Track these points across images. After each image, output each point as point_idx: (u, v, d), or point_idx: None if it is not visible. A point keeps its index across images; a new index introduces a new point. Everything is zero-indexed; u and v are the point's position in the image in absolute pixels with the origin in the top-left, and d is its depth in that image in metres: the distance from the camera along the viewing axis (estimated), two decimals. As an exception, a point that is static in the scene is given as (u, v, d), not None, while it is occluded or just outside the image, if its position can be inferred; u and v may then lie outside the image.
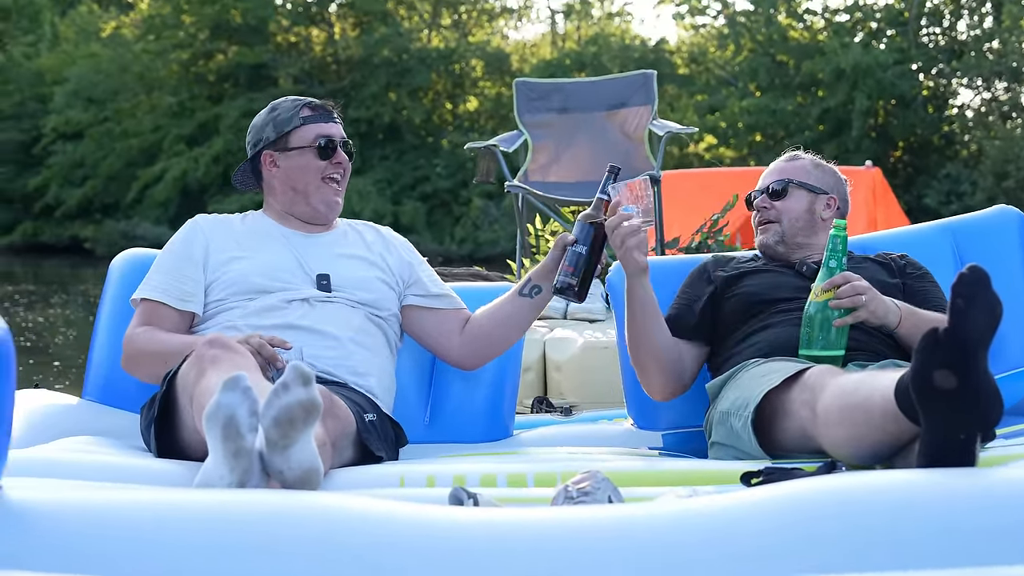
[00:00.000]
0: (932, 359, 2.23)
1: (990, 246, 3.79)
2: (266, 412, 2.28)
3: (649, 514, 1.96)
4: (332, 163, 3.48)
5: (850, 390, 2.62)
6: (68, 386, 8.21)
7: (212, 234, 3.45)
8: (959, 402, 2.22)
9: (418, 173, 31.63)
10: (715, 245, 5.99)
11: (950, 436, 2.24)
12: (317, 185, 3.48)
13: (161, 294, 3.35)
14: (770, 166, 3.75)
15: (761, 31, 30.13)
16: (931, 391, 2.24)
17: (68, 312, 15.74)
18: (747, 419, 2.96)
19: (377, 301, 3.42)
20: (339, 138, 3.51)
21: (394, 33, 32.77)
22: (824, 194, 3.64)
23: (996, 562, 1.81)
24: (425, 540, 1.89)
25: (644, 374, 3.44)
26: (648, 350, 3.38)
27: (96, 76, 34.59)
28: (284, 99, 3.57)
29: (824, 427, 2.69)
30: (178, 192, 32.27)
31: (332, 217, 3.54)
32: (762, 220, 3.64)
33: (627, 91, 6.94)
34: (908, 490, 1.97)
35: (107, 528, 1.90)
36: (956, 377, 2.21)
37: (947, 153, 28.64)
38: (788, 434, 2.91)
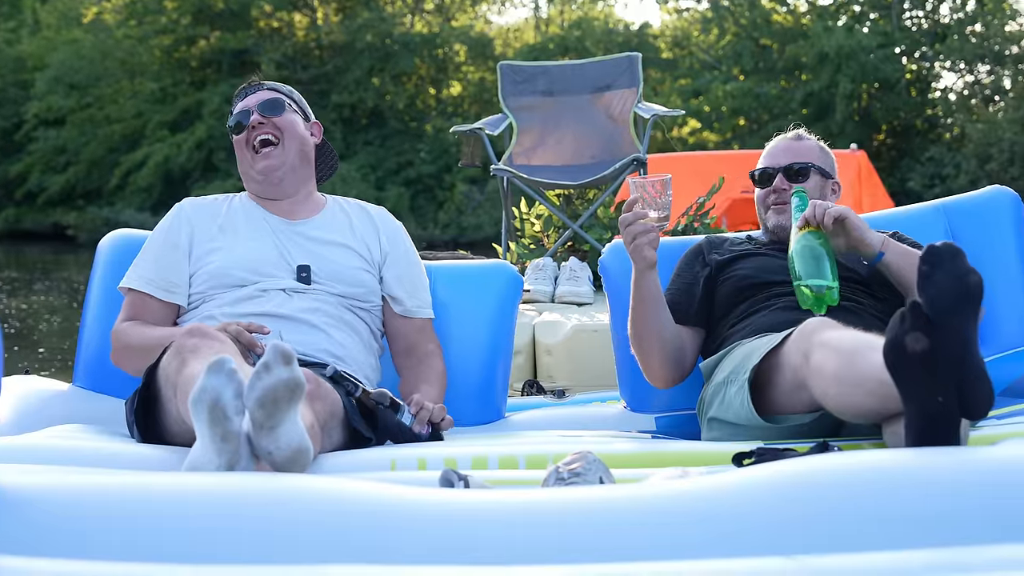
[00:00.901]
0: (903, 325, 2.25)
1: (984, 226, 3.80)
2: (249, 394, 2.27)
3: (640, 495, 1.96)
4: (250, 133, 3.45)
5: (848, 349, 2.62)
6: (55, 372, 8.18)
7: (196, 221, 3.43)
8: (932, 364, 2.23)
9: (402, 158, 31.56)
10: (701, 228, 5.99)
11: (929, 402, 2.25)
12: (249, 160, 3.46)
13: (147, 284, 3.34)
14: (778, 144, 3.69)
15: (744, 15, 30.11)
16: (905, 357, 2.25)
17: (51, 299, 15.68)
18: (744, 382, 2.97)
19: (359, 294, 3.39)
20: (255, 104, 3.46)
21: (377, 18, 32.65)
22: (831, 179, 3.64)
23: (985, 541, 1.81)
24: (416, 523, 1.89)
25: (647, 362, 3.42)
26: (653, 340, 3.37)
27: (78, 62, 34.42)
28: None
29: (817, 378, 2.70)
30: (160, 178, 32.13)
31: (284, 185, 3.48)
32: (779, 200, 3.60)
33: (612, 74, 6.91)
34: (898, 470, 1.98)
35: (98, 513, 1.90)
36: (928, 339, 2.22)
37: (930, 136, 28.67)
38: (781, 389, 2.92)
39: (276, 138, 3.45)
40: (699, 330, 3.50)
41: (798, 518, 1.88)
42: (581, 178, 6.32)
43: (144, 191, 32.34)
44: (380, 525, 1.88)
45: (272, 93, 3.50)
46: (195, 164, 31.88)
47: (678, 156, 12.29)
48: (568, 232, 6.11)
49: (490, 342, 3.65)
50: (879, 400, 2.51)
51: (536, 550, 1.83)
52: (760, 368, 2.96)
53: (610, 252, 3.77)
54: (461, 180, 29.90)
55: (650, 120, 6.42)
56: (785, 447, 2.55)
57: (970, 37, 27.34)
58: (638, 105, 6.66)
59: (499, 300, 3.73)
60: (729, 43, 30.17)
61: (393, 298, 3.47)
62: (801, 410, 2.90)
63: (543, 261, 5.86)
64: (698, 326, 3.50)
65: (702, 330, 3.50)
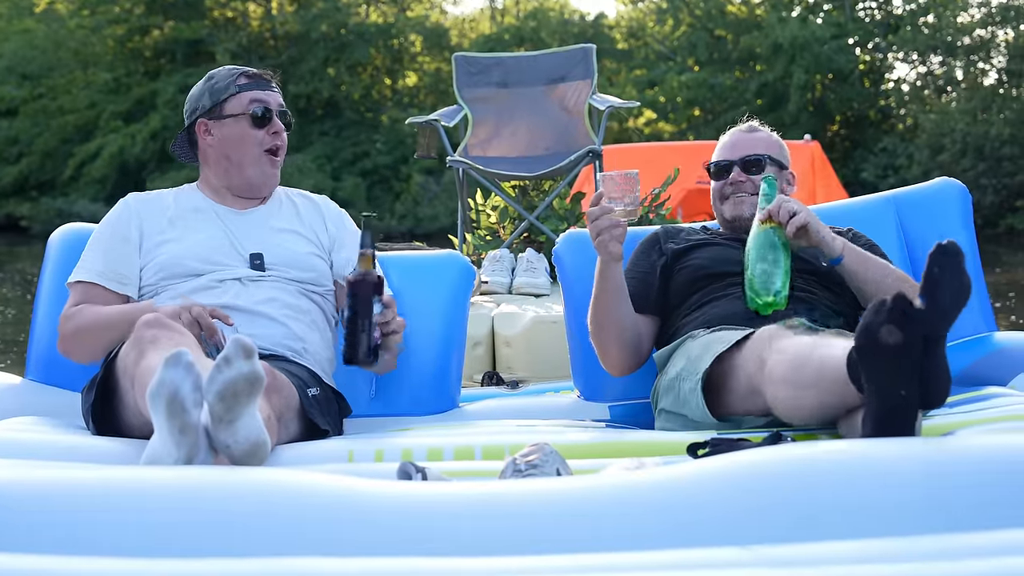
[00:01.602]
0: (878, 316, 2.28)
1: (933, 218, 3.85)
2: (209, 387, 2.27)
3: (596, 486, 1.97)
4: (268, 132, 3.42)
5: (803, 354, 2.65)
6: (9, 365, 8.12)
7: (144, 215, 3.40)
8: (902, 358, 2.26)
9: (358, 149, 31.50)
10: (656, 219, 6.02)
11: (892, 394, 2.28)
12: (255, 156, 3.42)
13: (97, 276, 3.30)
14: (732, 137, 3.72)
15: (699, 6, 30.24)
16: (877, 347, 2.28)
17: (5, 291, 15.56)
18: (697, 382, 2.98)
19: (312, 278, 3.39)
20: (276, 106, 3.44)
21: (332, 8, 32.55)
22: (786, 169, 3.67)
23: (942, 530, 1.83)
24: (375, 515, 1.89)
25: (604, 351, 3.44)
26: (612, 329, 3.38)
27: (30, 52, 34.12)
28: (221, 68, 3.51)
29: (771, 386, 2.72)
30: (115, 169, 31.91)
31: (267, 191, 3.49)
32: (736, 192, 3.63)
33: (566, 66, 6.93)
34: (852, 460, 1.99)
35: (57, 507, 1.89)
36: (901, 332, 2.25)
37: (883, 127, 28.88)
38: (735, 394, 2.94)
39: (281, 151, 3.46)
40: (655, 318, 3.52)
41: (753, 508, 1.90)
42: (537, 169, 6.34)
43: (98, 182, 32.10)
44: (339, 518, 1.88)
45: (281, 100, 3.48)
46: (150, 155, 31.68)
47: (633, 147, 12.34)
48: (524, 223, 6.12)
49: (443, 332, 3.65)
50: (836, 398, 2.54)
51: (494, 542, 1.83)
52: (713, 369, 2.98)
53: (564, 242, 3.78)
54: (417, 171, 29.87)
55: (605, 112, 6.44)
56: (739, 437, 2.57)
57: (922, 28, 27.55)
58: (593, 97, 6.69)
59: (451, 290, 3.73)
60: (684, 34, 30.30)
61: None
62: (755, 413, 2.92)
63: (500, 253, 5.86)
64: (654, 315, 3.52)
65: (658, 319, 3.52)
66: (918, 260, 3.78)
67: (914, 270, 3.75)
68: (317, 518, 1.88)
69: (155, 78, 33.39)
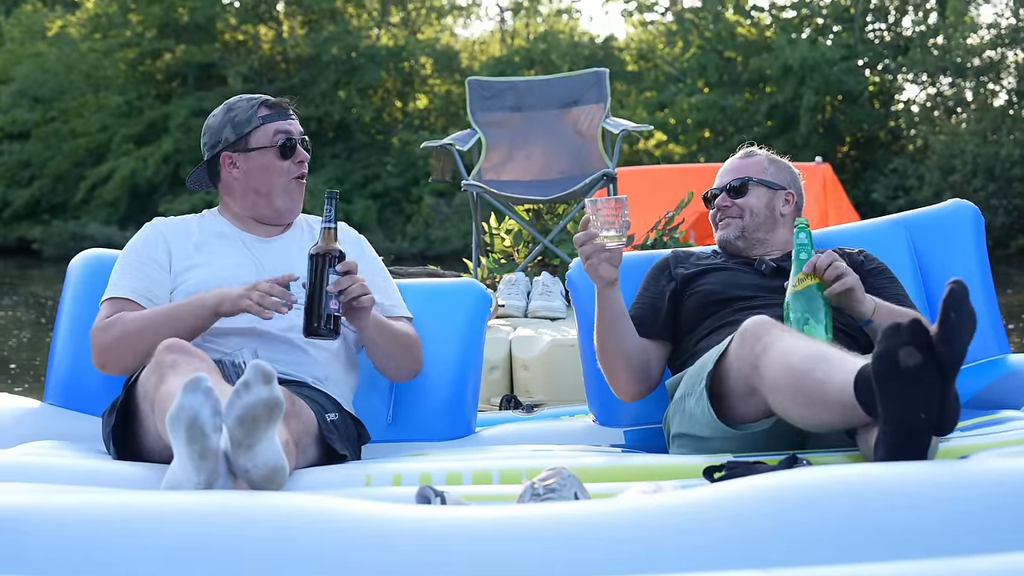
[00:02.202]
0: (898, 338, 2.30)
1: (946, 240, 3.85)
2: (229, 412, 2.29)
3: (614, 510, 1.99)
4: (295, 162, 3.44)
5: (803, 369, 2.65)
6: (27, 389, 8.13)
7: (172, 238, 3.41)
8: (922, 382, 2.28)
9: (368, 171, 31.54)
10: (670, 242, 6.03)
11: (910, 416, 2.30)
12: (284, 186, 3.43)
13: (130, 292, 3.30)
14: (726, 164, 3.79)
15: (709, 28, 30.27)
16: (896, 370, 2.30)
17: (19, 314, 15.59)
18: (702, 390, 3.00)
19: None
20: (298, 134, 3.46)
21: (343, 31, 32.63)
22: (782, 190, 3.69)
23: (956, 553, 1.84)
24: (394, 540, 1.90)
25: (612, 376, 3.45)
26: (617, 354, 3.40)
27: (42, 75, 34.21)
28: (239, 98, 3.51)
29: (774, 395, 2.74)
30: (127, 192, 31.99)
31: (292, 218, 3.51)
32: (722, 216, 3.68)
33: (580, 89, 6.95)
34: (869, 483, 2.00)
35: (78, 531, 1.91)
36: (921, 355, 2.27)
37: (893, 148, 28.86)
38: (735, 394, 2.95)
39: (304, 177, 3.48)
40: (665, 343, 3.53)
41: (771, 532, 1.91)
42: (551, 193, 6.35)
43: (110, 205, 32.18)
44: (359, 542, 1.90)
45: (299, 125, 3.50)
46: (162, 178, 31.74)
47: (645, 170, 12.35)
48: (539, 247, 6.14)
49: (460, 359, 3.67)
50: (843, 418, 2.57)
51: (514, 566, 1.85)
52: (715, 375, 3.00)
53: (578, 266, 3.80)
54: (428, 193, 29.91)
55: (619, 135, 6.45)
56: (755, 460, 2.58)
57: (932, 49, 27.54)
58: (606, 120, 6.70)
59: (468, 318, 3.76)
60: (694, 56, 30.30)
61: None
62: (757, 417, 2.93)
63: (516, 276, 5.88)
64: (663, 340, 3.53)
65: (668, 343, 3.54)
66: (931, 283, 3.78)
67: (927, 292, 3.76)
68: (337, 543, 1.89)
69: (167, 101, 33.48)
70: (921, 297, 3.74)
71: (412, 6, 35.29)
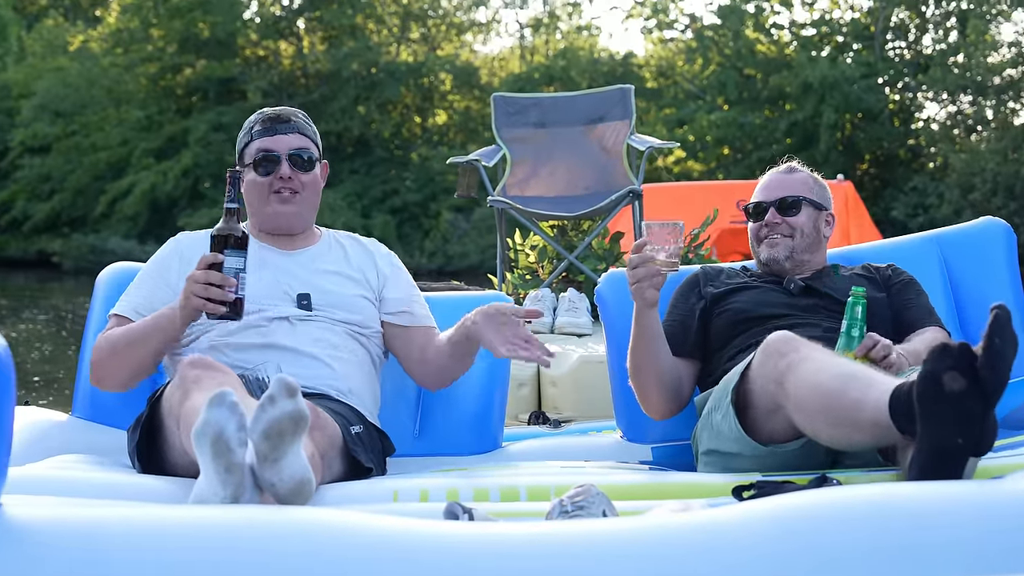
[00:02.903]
0: (943, 361, 2.29)
1: (977, 258, 3.85)
2: (254, 426, 2.29)
3: (643, 528, 1.98)
4: (276, 178, 3.41)
5: (833, 390, 2.64)
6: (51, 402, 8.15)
7: (189, 256, 3.37)
8: (964, 406, 2.27)
9: (387, 186, 31.60)
10: (695, 259, 6.03)
11: (948, 440, 2.29)
12: (264, 200, 3.43)
13: (131, 311, 3.33)
14: (770, 178, 3.72)
15: (729, 45, 30.27)
16: (939, 393, 2.29)
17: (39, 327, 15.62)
18: (728, 405, 2.99)
19: (359, 320, 3.40)
20: (286, 150, 3.41)
21: (363, 47, 32.73)
22: (825, 210, 3.66)
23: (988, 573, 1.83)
24: (422, 555, 1.90)
25: (644, 394, 3.45)
26: (651, 373, 3.40)
27: (63, 89, 34.36)
28: (256, 113, 3.53)
29: (801, 415, 2.73)
30: (147, 206, 32.10)
31: (293, 228, 3.49)
32: (771, 234, 3.63)
33: (605, 106, 6.94)
34: (899, 503, 1.99)
35: (107, 545, 1.91)
36: (965, 380, 2.26)
37: (913, 166, 28.81)
38: (760, 411, 2.94)
39: (297, 191, 3.44)
40: (695, 361, 3.52)
41: (801, 551, 1.90)
42: (576, 209, 6.35)
43: (130, 219, 32.29)
44: (387, 558, 1.89)
45: (302, 140, 3.45)
46: (182, 192, 31.86)
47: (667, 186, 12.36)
48: (564, 263, 6.14)
49: (487, 372, 3.66)
50: (874, 437, 2.56)
51: (542, 583, 1.85)
52: (740, 390, 2.99)
53: (606, 282, 3.79)
54: (447, 208, 29.94)
55: (645, 152, 6.45)
56: (784, 479, 2.57)
57: (952, 68, 27.51)
58: (631, 137, 6.70)
59: None
60: (713, 73, 30.30)
61: (401, 312, 3.48)
62: (783, 436, 2.92)
63: (541, 292, 5.88)
64: (693, 358, 3.52)
65: (698, 361, 3.53)
66: (962, 300, 3.77)
67: (958, 309, 3.74)
68: (364, 558, 1.89)
69: (187, 116, 33.61)
70: (952, 314, 3.73)
71: (432, 22, 35.38)
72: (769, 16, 30.45)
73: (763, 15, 30.35)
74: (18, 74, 35.96)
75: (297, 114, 3.50)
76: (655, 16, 31.86)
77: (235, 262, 3.04)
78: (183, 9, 33.26)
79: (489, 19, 37.52)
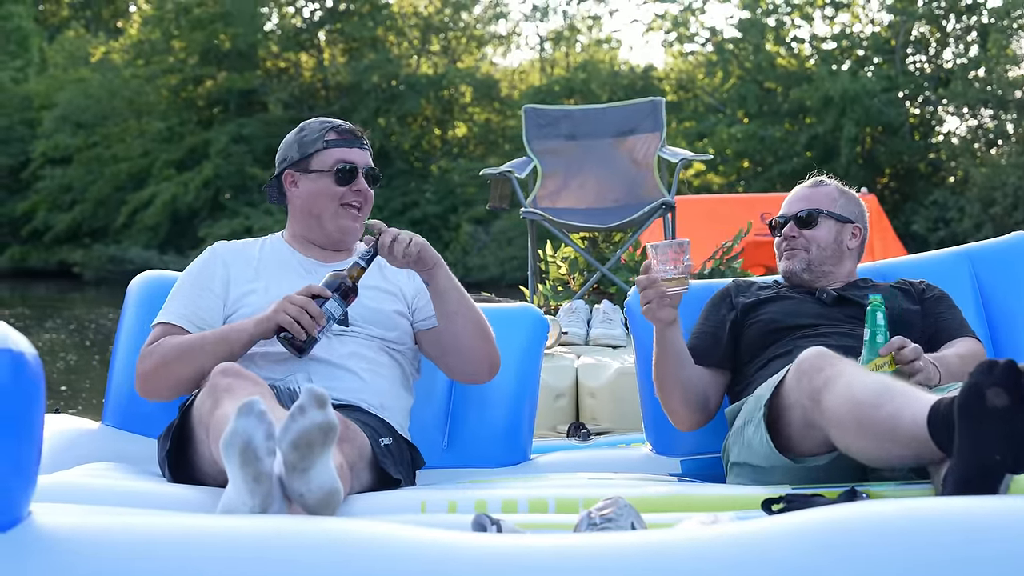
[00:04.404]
0: (988, 376, 2.27)
1: (1008, 272, 3.83)
2: (284, 436, 2.29)
3: (673, 541, 1.97)
4: (351, 190, 3.42)
5: (869, 402, 2.62)
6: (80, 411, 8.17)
7: (231, 264, 3.40)
8: (1005, 423, 2.26)
9: (407, 199, 31.69)
10: (728, 272, 6.03)
11: (987, 457, 2.27)
12: (334, 211, 3.42)
13: (179, 319, 3.29)
14: (795, 191, 3.74)
15: (749, 58, 30.29)
16: (981, 408, 2.28)
17: (63, 337, 15.68)
18: (760, 420, 2.98)
19: (395, 337, 3.39)
20: (362, 165, 3.45)
21: (383, 59, 32.86)
22: (850, 223, 3.66)
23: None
24: (450, 567, 1.89)
25: (671, 408, 3.45)
26: (676, 389, 3.40)
27: (85, 101, 34.57)
28: (314, 120, 3.52)
29: (838, 430, 2.70)
30: (168, 217, 32.25)
31: (348, 244, 3.49)
32: (789, 247, 3.65)
33: (635, 118, 6.95)
34: (933, 518, 1.97)
35: (136, 554, 1.90)
36: (1009, 397, 2.25)
37: (933, 180, 28.78)
38: (794, 426, 2.91)
39: (362, 207, 3.47)
40: (724, 372, 3.52)
41: (830, 565, 1.89)
42: (609, 221, 6.36)
43: (151, 230, 32.44)
44: (415, 570, 1.88)
45: (369, 156, 3.50)
46: (202, 203, 31.99)
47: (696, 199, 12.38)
48: (596, 275, 6.15)
49: (516, 385, 3.65)
50: (913, 452, 2.53)
51: (570, 595, 1.84)
52: (772, 404, 2.98)
53: (635, 296, 3.78)
54: (467, 221, 30.01)
55: (679, 164, 6.47)
56: (814, 493, 2.56)
57: (973, 82, 27.48)
58: (663, 149, 6.71)
59: (525, 343, 3.75)
60: (733, 86, 30.32)
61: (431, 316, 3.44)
62: (815, 451, 2.90)
63: (575, 304, 5.89)
64: (723, 368, 3.52)
65: (727, 372, 3.53)
66: (993, 315, 3.76)
67: (990, 325, 3.73)
68: (392, 569, 1.88)
69: (208, 127, 33.77)
70: (984, 329, 3.72)
71: (452, 35, 35.49)
72: (790, 30, 30.48)
73: (784, 29, 30.37)
74: (40, 85, 36.21)
75: (365, 137, 3.54)
76: (675, 29, 31.92)
77: (335, 309, 3.11)
78: (204, 21, 33.45)
79: (509, 32, 37.53)
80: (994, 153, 27.48)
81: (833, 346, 3.23)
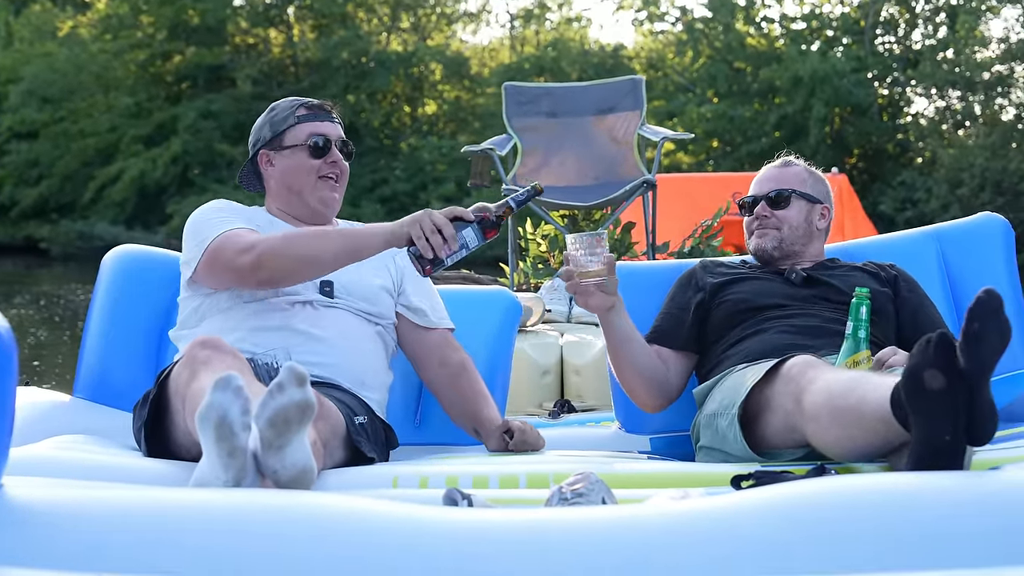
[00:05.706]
0: (923, 360, 2.28)
1: (975, 253, 3.87)
2: (261, 413, 2.29)
3: (642, 516, 1.99)
4: (326, 162, 3.43)
5: (840, 392, 2.65)
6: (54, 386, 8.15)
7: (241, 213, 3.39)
8: (946, 404, 2.27)
9: (377, 176, 31.59)
10: (708, 251, 6.06)
11: (935, 438, 2.29)
12: (313, 184, 3.43)
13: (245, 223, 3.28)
14: (764, 171, 3.76)
15: (719, 38, 30.31)
16: (921, 391, 2.29)
17: (31, 312, 15.60)
18: (734, 416, 2.99)
19: (378, 311, 3.41)
20: (335, 138, 3.46)
21: (353, 36, 32.72)
22: (819, 203, 3.68)
23: (983, 564, 1.84)
24: (421, 541, 1.91)
25: (630, 390, 3.48)
26: (631, 373, 3.42)
27: (52, 75, 34.27)
28: (284, 99, 3.54)
29: (813, 424, 2.72)
30: (135, 192, 32.05)
31: (330, 216, 3.50)
32: (760, 226, 3.66)
33: (615, 96, 6.97)
34: (896, 492, 2.00)
35: (107, 527, 1.92)
36: (944, 378, 2.26)
37: (901, 160, 28.87)
38: (772, 428, 2.94)
39: (338, 177, 3.47)
40: (689, 354, 3.53)
41: (799, 540, 1.91)
42: (590, 199, 6.37)
43: (118, 205, 32.25)
44: (386, 544, 1.90)
45: (340, 130, 3.50)
46: (171, 179, 31.81)
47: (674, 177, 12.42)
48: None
49: (488, 366, 3.67)
50: (879, 438, 2.55)
51: (540, 570, 1.85)
52: (750, 403, 2.99)
53: None
54: (436, 198, 29.94)
55: (660, 142, 6.49)
56: (783, 470, 2.58)
57: (941, 63, 27.57)
58: (643, 127, 6.74)
59: (498, 326, 3.78)
60: (703, 66, 30.34)
61: (416, 310, 3.48)
62: (792, 447, 2.93)
63: (557, 282, 5.92)
64: (688, 350, 3.53)
65: (692, 354, 3.54)
66: (960, 296, 3.79)
67: (956, 307, 3.76)
68: (363, 543, 1.90)
69: (176, 103, 33.56)
70: (950, 310, 3.75)
71: (422, 12, 35.36)
72: (760, 9, 30.49)
73: (753, 8, 30.39)
74: (6, 60, 35.84)
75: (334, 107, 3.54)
76: (646, 8, 31.89)
77: (472, 239, 3.02)
78: (173, -5, 33.20)
79: (479, 9, 37.47)
80: (961, 134, 27.58)
81: (800, 326, 3.25)
